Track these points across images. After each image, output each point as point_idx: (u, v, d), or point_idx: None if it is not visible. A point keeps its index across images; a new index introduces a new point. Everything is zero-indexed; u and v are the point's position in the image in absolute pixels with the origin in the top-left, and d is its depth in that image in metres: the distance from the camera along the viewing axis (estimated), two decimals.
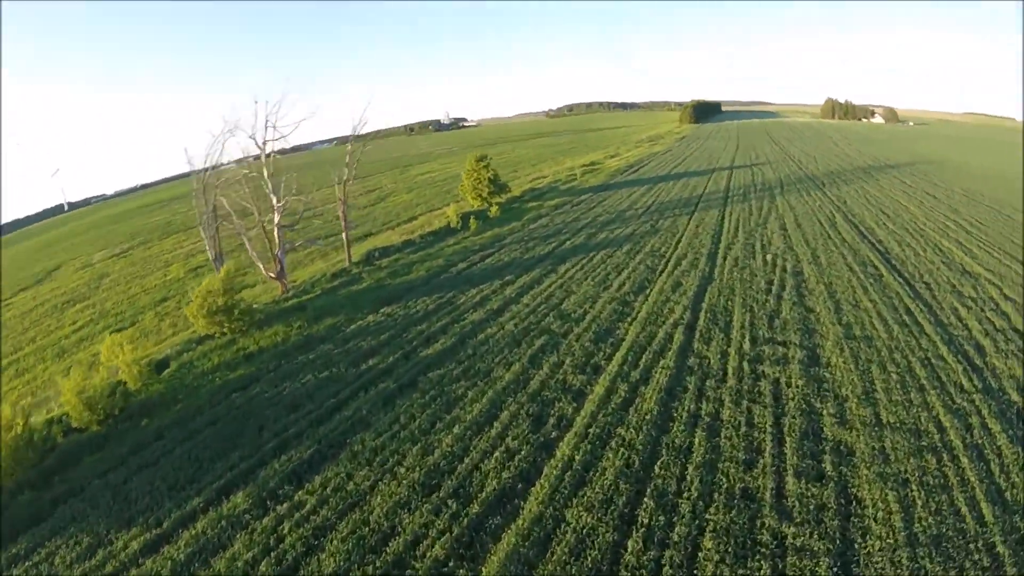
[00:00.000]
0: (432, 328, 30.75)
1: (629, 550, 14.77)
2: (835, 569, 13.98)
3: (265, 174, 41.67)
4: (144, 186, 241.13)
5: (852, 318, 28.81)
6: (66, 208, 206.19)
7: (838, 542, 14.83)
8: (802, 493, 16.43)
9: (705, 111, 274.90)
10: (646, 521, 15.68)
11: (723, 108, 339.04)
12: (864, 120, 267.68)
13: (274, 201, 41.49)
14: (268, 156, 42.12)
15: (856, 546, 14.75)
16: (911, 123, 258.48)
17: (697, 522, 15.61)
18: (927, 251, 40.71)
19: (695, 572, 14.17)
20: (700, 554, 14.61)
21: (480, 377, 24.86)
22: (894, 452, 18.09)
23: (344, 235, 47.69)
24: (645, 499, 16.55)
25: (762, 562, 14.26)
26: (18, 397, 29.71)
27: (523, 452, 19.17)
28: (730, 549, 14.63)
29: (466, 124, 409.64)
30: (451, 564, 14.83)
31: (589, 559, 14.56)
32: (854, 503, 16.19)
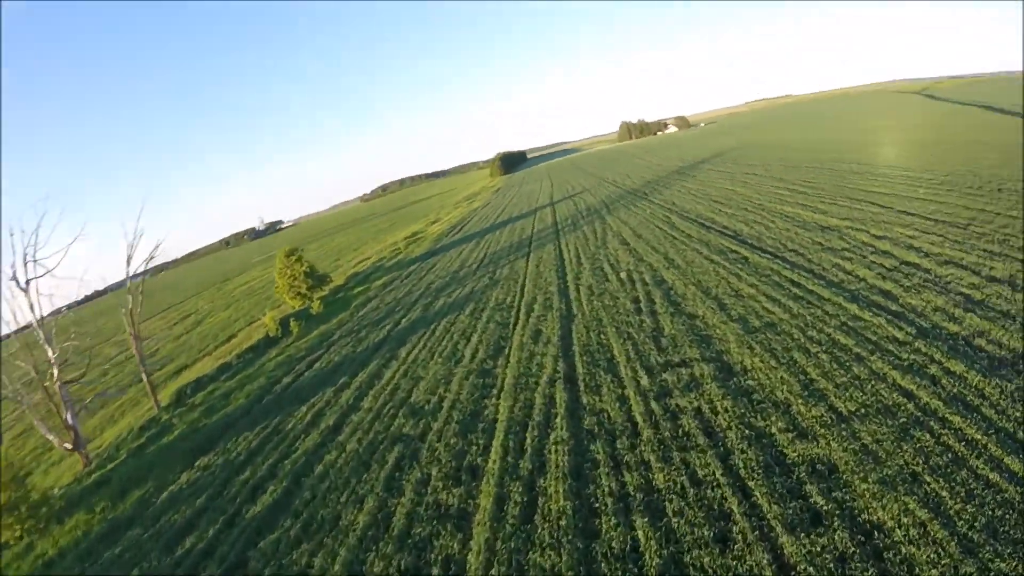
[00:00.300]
0: (258, 473, 25.73)
1: None
2: None
3: (33, 320, 36.72)
4: None
5: (742, 310, 27.25)
6: None
7: None
8: (809, 551, 12.55)
9: (512, 161, 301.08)
10: None
11: (528, 155, 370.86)
12: (660, 133, 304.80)
13: (49, 353, 36.45)
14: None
15: None
16: (702, 124, 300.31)
17: None
18: (776, 222, 42.31)
19: None
20: None
21: (326, 531, 19.19)
22: (878, 446, 15.23)
23: (143, 376, 42.98)
24: None
25: None
26: None
27: None
28: None
29: (283, 226, 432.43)
30: None
31: None
32: (876, 533, 12.70)
